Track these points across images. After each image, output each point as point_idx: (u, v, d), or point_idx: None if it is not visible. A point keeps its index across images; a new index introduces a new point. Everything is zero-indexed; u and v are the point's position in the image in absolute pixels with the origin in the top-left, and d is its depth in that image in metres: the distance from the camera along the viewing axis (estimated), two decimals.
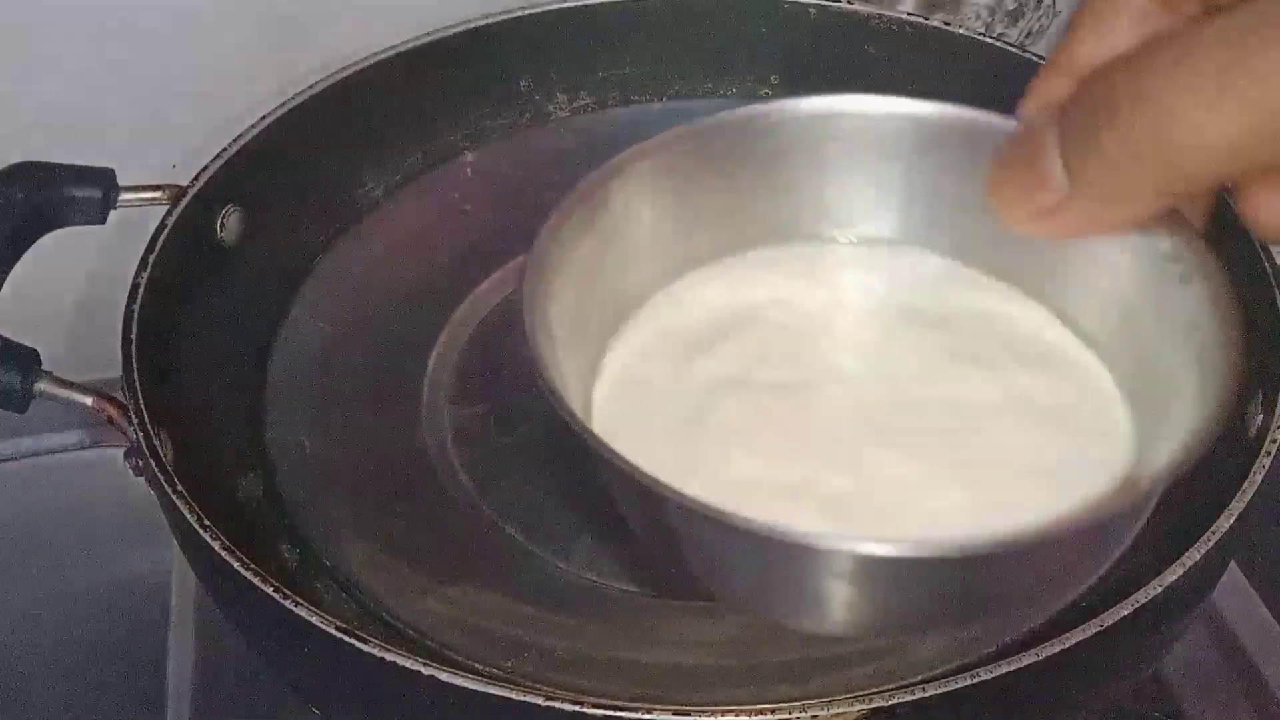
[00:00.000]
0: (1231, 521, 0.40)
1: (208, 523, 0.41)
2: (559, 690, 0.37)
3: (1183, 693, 0.53)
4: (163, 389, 0.46)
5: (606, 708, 0.36)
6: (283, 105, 0.54)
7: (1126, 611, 0.38)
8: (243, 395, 0.51)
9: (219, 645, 0.54)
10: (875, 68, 0.58)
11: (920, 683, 0.37)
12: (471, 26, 0.58)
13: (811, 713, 0.36)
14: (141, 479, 0.44)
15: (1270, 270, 0.47)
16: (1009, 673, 0.37)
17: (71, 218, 0.50)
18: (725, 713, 0.36)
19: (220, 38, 0.61)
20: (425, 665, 0.37)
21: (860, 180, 0.36)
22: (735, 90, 0.61)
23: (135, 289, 0.47)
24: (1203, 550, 0.40)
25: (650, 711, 0.36)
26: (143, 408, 0.44)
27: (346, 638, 0.38)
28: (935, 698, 0.36)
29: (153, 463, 0.42)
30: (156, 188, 0.51)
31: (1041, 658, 0.37)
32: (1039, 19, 0.69)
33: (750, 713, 0.36)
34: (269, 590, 0.39)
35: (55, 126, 0.60)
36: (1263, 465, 0.42)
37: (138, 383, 0.44)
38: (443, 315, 0.53)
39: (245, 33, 0.61)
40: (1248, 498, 0.41)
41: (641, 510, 0.32)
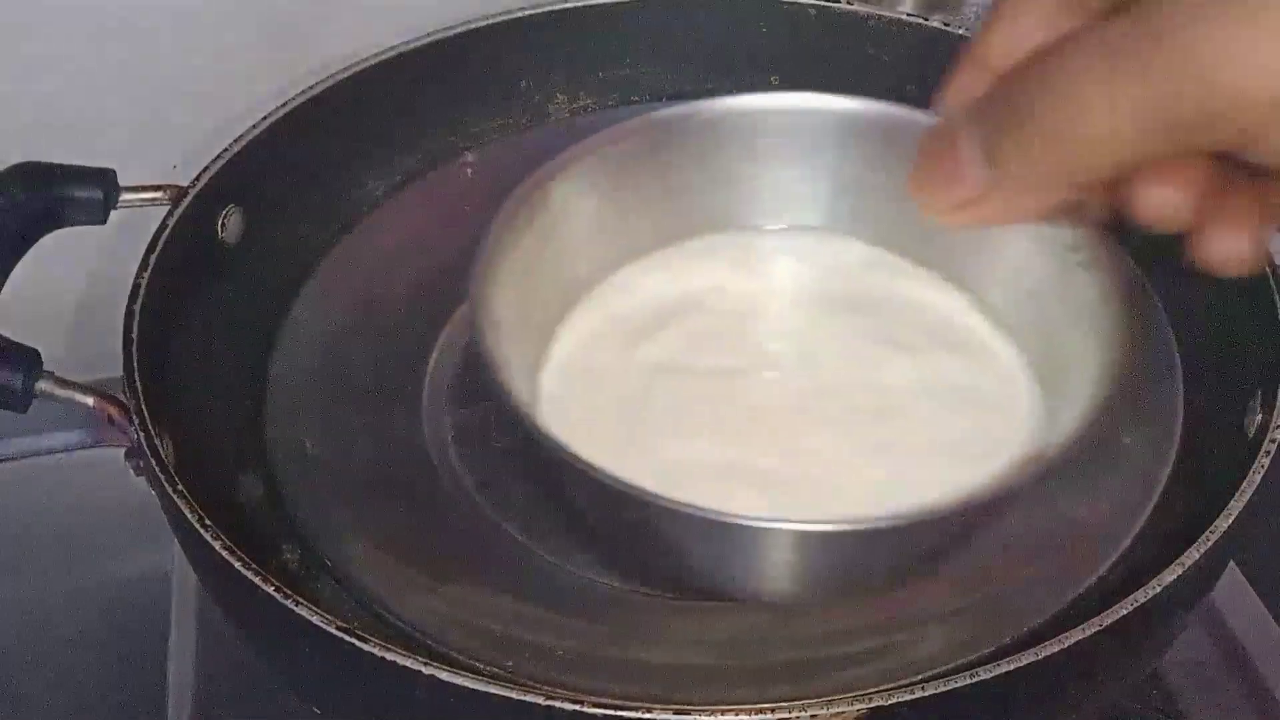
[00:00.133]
0: (1231, 521, 0.41)
1: (208, 522, 0.41)
2: (559, 690, 0.37)
3: (1183, 693, 0.53)
4: (164, 389, 0.46)
5: (606, 708, 0.36)
6: (283, 105, 0.54)
7: (1126, 611, 0.38)
8: (243, 395, 0.51)
9: (219, 645, 0.54)
10: (875, 68, 0.58)
11: (920, 682, 0.37)
12: (471, 26, 0.58)
13: (811, 712, 0.36)
14: (142, 479, 0.44)
15: (1270, 270, 0.47)
16: (1009, 672, 0.37)
17: (72, 218, 0.50)
18: (725, 713, 0.36)
19: (221, 38, 0.61)
20: (425, 665, 0.37)
21: (790, 173, 0.38)
22: (735, 90, 0.61)
23: (136, 289, 0.47)
24: (1203, 550, 0.40)
25: (650, 711, 0.36)
26: (144, 408, 0.44)
27: (346, 637, 0.38)
28: (935, 697, 0.36)
29: (154, 462, 0.42)
30: (157, 188, 0.51)
31: (1041, 657, 0.37)
32: None
33: (750, 712, 0.36)
34: (269, 590, 0.39)
35: (55, 126, 0.60)
36: (1262, 465, 0.42)
37: (139, 382, 0.44)
38: (443, 315, 0.53)
39: (246, 33, 0.61)
40: (1247, 498, 0.41)
41: (583, 493, 0.34)
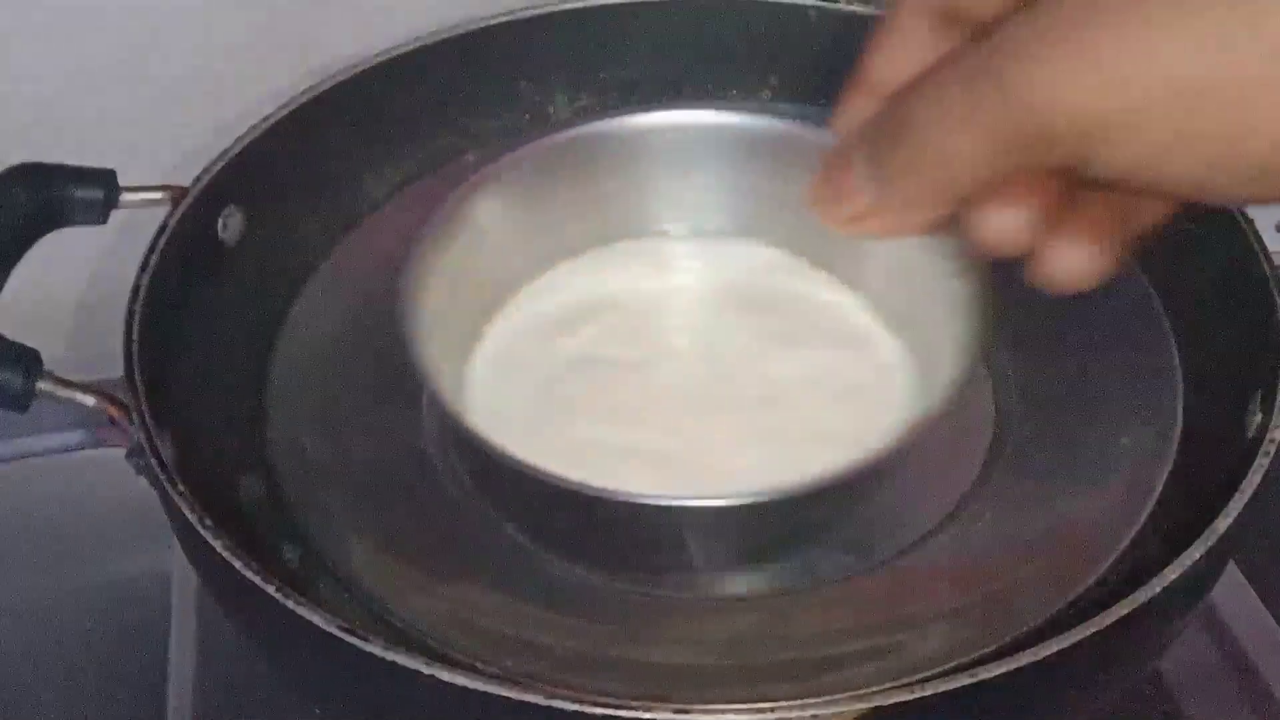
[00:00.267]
0: (1231, 522, 0.41)
1: (209, 523, 0.41)
2: (559, 690, 0.37)
3: (1183, 693, 0.53)
4: (164, 389, 0.46)
5: (606, 707, 0.36)
6: (284, 106, 0.54)
7: (1126, 612, 0.38)
8: (244, 395, 0.51)
9: (221, 644, 0.54)
10: None
11: (920, 682, 0.37)
12: (471, 27, 0.58)
13: (811, 712, 0.36)
14: (142, 479, 0.44)
15: (1269, 271, 0.47)
16: (1009, 672, 0.37)
17: (72, 218, 0.50)
18: (725, 713, 0.36)
19: (221, 38, 0.61)
20: (425, 665, 0.37)
21: (697, 182, 0.42)
22: (735, 90, 0.61)
23: (136, 289, 0.47)
24: (1202, 550, 0.40)
25: (650, 711, 0.36)
26: (144, 407, 0.44)
27: (347, 638, 0.38)
28: (935, 697, 0.36)
29: (154, 462, 0.42)
30: (157, 188, 0.51)
31: (1041, 657, 0.37)
32: None
33: (750, 712, 0.36)
34: (270, 590, 0.39)
35: (55, 126, 0.60)
36: (1261, 465, 0.42)
37: (139, 382, 0.44)
38: None
39: (246, 33, 0.61)
40: (1247, 498, 0.41)
41: (499, 477, 0.38)
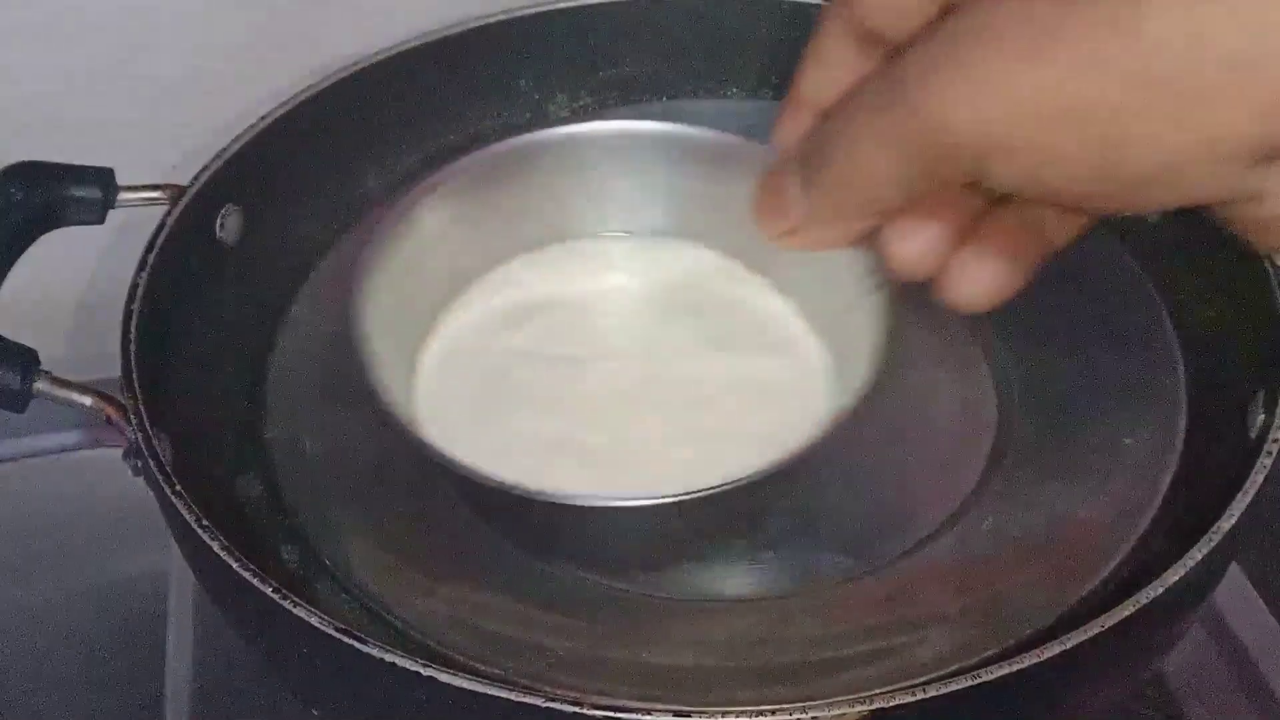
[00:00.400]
0: (1232, 521, 0.40)
1: (207, 523, 0.41)
2: (559, 690, 0.37)
3: (1183, 693, 0.53)
4: (162, 389, 0.46)
5: (606, 708, 0.36)
6: (283, 105, 0.54)
7: (1127, 611, 0.38)
8: (243, 395, 0.51)
9: (219, 645, 0.54)
10: None
11: (921, 683, 0.37)
12: (471, 26, 0.58)
13: (812, 713, 0.36)
14: (141, 479, 0.44)
15: (1270, 270, 0.47)
16: (1009, 673, 0.37)
17: (71, 217, 0.50)
18: (725, 713, 0.36)
19: (220, 38, 0.61)
20: (425, 665, 0.37)
21: (642, 188, 0.44)
22: (735, 90, 0.61)
23: (135, 289, 0.47)
24: (1203, 550, 0.40)
25: (650, 712, 0.36)
26: (142, 408, 0.44)
27: (346, 638, 0.38)
28: (935, 698, 0.36)
29: (152, 463, 0.42)
30: (156, 187, 0.51)
31: (1043, 659, 0.37)
32: None
33: (750, 713, 0.36)
34: (268, 590, 0.39)
35: (55, 126, 0.60)
36: (1263, 465, 0.42)
37: (137, 383, 0.44)
38: None
39: (245, 33, 0.61)
40: (1248, 498, 0.41)
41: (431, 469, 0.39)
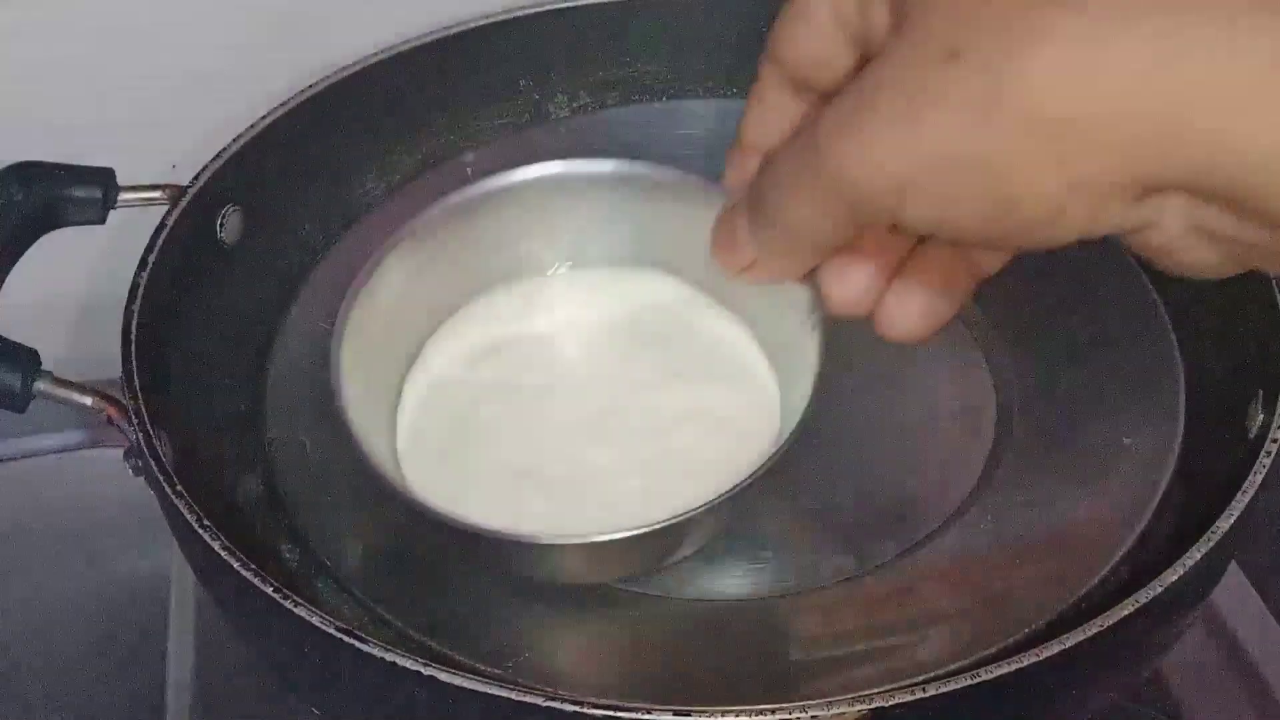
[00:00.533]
0: (1232, 521, 0.40)
1: (207, 523, 0.41)
2: (559, 690, 0.37)
3: (1183, 693, 0.53)
4: (163, 389, 0.46)
5: (606, 708, 0.36)
6: (283, 105, 0.54)
7: (1127, 611, 0.38)
8: (243, 395, 0.51)
9: (219, 645, 0.54)
10: None
11: (920, 683, 0.37)
12: (471, 26, 0.58)
13: (811, 713, 0.36)
14: (141, 479, 0.44)
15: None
16: (1009, 673, 0.37)
17: (71, 217, 0.50)
18: (725, 713, 0.36)
19: (220, 38, 0.61)
20: (425, 665, 0.37)
21: (604, 222, 0.46)
22: (736, 90, 0.61)
23: (135, 289, 0.47)
24: (1203, 550, 0.40)
25: (650, 712, 0.36)
26: (142, 408, 0.44)
27: (346, 638, 0.38)
28: (935, 698, 0.36)
29: (152, 463, 0.42)
30: (156, 187, 0.51)
31: (1042, 658, 0.37)
32: None
33: (750, 713, 0.36)
34: (269, 590, 0.39)
35: (55, 126, 0.60)
36: (1263, 465, 0.42)
37: (137, 383, 0.44)
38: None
39: (245, 33, 0.61)
40: (1248, 498, 0.41)
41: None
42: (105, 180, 0.50)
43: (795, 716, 0.36)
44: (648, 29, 0.60)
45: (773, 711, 0.36)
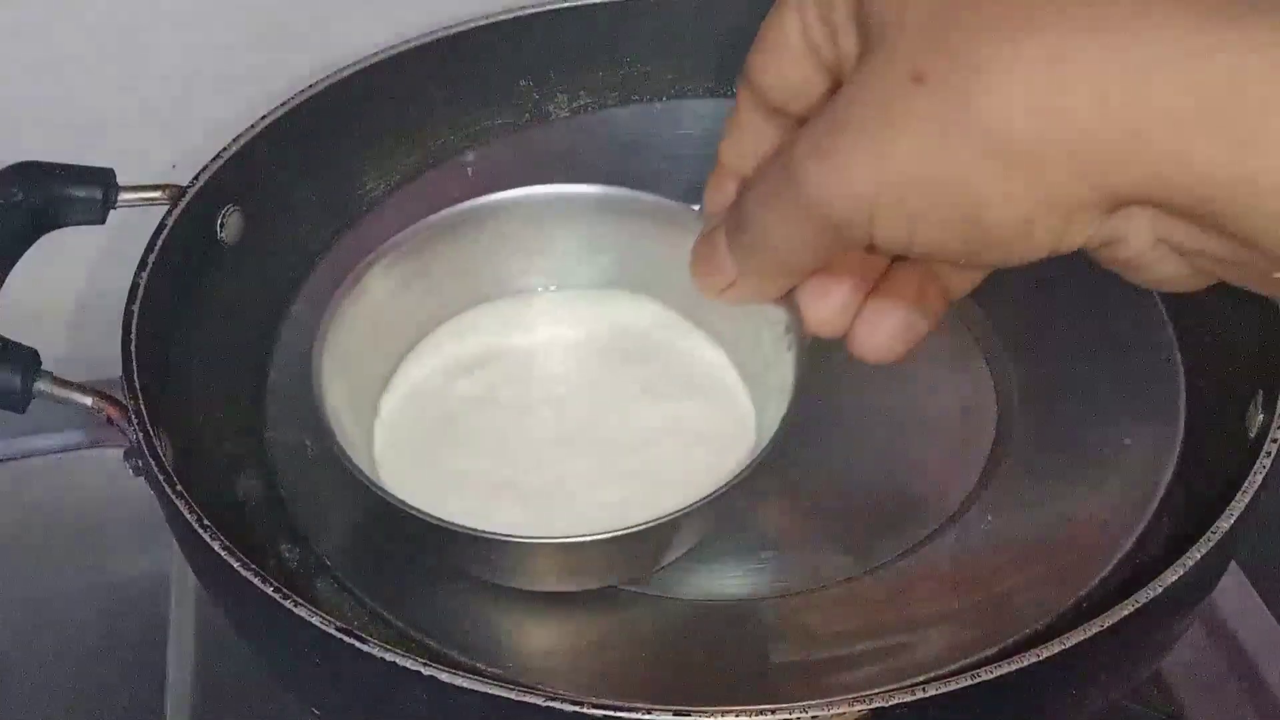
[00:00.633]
0: (1232, 521, 0.40)
1: (207, 523, 0.41)
2: (559, 690, 0.37)
3: (1183, 693, 0.53)
4: (163, 389, 0.46)
5: (606, 708, 0.36)
6: (283, 105, 0.54)
7: (1127, 611, 0.38)
8: (243, 395, 0.51)
9: (219, 645, 0.54)
10: None
11: (920, 683, 0.37)
12: (471, 26, 0.58)
13: (812, 713, 0.36)
14: (141, 479, 0.44)
15: None
16: (1009, 673, 0.37)
17: (71, 218, 0.50)
18: (725, 713, 0.36)
19: (220, 38, 0.61)
20: (425, 665, 0.37)
21: (584, 245, 0.47)
22: (735, 90, 0.61)
23: (135, 289, 0.47)
24: (1203, 550, 0.40)
25: (650, 712, 0.36)
26: (142, 408, 0.44)
27: (346, 638, 0.38)
28: (935, 698, 0.36)
29: (152, 463, 0.42)
30: (156, 188, 0.50)
31: (1043, 658, 0.37)
32: None
33: (750, 713, 0.36)
34: (268, 590, 0.39)
35: (55, 126, 0.60)
36: (1263, 465, 0.42)
37: (137, 383, 0.44)
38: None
39: (245, 33, 0.61)
40: (1248, 498, 0.41)
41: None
42: (105, 180, 0.50)
43: (795, 716, 0.36)
44: (648, 29, 0.60)
45: (773, 711, 0.36)
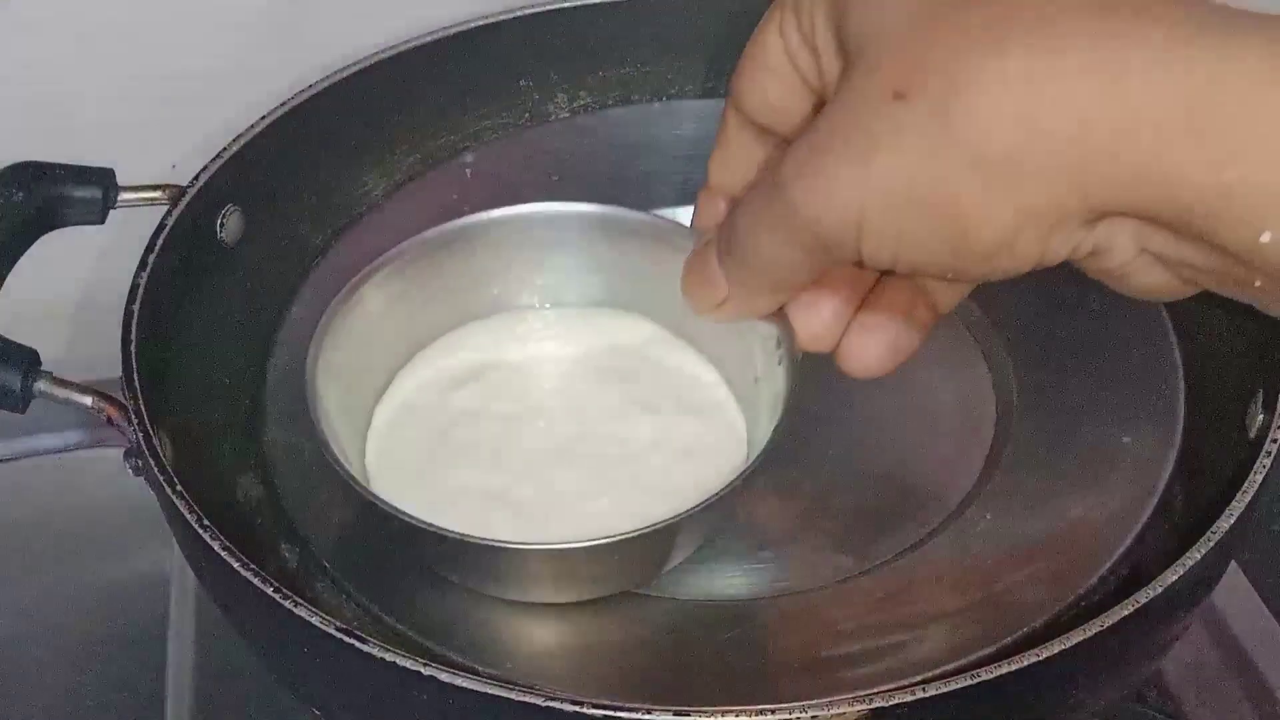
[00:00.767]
0: (1232, 521, 0.40)
1: (207, 523, 0.41)
2: (559, 690, 0.37)
3: (1183, 693, 0.53)
4: (162, 389, 0.46)
5: (606, 708, 0.36)
6: (283, 105, 0.54)
7: (1127, 611, 0.38)
8: (243, 395, 0.51)
9: (219, 645, 0.54)
10: None
11: (920, 683, 0.37)
12: (471, 26, 0.58)
13: (811, 713, 0.36)
14: (141, 479, 0.44)
15: None
16: (1009, 673, 0.37)
17: (71, 217, 0.50)
18: (725, 713, 0.36)
19: (220, 38, 0.61)
20: (425, 665, 0.37)
21: (577, 263, 0.48)
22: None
23: (135, 289, 0.47)
24: (1203, 550, 0.40)
25: (650, 712, 0.36)
26: (142, 408, 0.44)
27: (346, 638, 0.38)
28: (935, 698, 0.36)
29: (152, 463, 0.42)
30: (156, 187, 0.51)
31: (1042, 658, 0.37)
32: None
33: (750, 713, 0.36)
34: (268, 590, 0.39)
35: (55, 126, 0.60)
36: (1263, 465, 0.42)
37: (137, 383, 0.44)
38: None
39: (245, 33, 0.61)
40: (1248, 498, 0.41)
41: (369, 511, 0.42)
42: (105, 180, 0.50)
43: (795, 716, 0.36)
44: (648, 29, 0.60)
45: (773, 711, 0.36)
